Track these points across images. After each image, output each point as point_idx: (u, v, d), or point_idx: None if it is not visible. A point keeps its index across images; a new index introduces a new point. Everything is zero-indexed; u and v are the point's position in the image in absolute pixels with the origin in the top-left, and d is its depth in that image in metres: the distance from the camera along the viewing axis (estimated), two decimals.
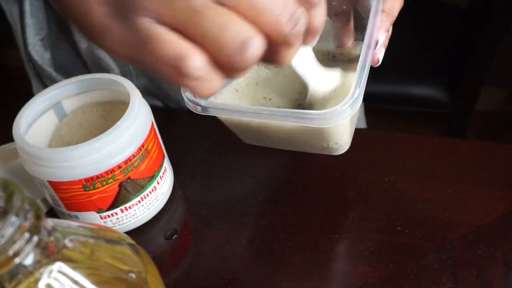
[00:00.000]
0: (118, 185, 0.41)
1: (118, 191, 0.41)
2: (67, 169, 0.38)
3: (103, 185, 0.40)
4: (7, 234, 0.20)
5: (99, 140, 0.38)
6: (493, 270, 0.40)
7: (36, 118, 0.45)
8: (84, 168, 0.38)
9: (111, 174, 0.40)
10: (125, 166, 0.40)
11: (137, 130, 0.41)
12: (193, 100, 0.37)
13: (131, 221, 0.45)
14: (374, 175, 0.48)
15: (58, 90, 0.45)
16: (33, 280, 0.22)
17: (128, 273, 0.26)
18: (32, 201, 0.22)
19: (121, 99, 0.47)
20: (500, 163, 0.48)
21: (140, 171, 0.42)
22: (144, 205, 0.44)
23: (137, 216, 0.45)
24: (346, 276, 0.41)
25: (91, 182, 0.39)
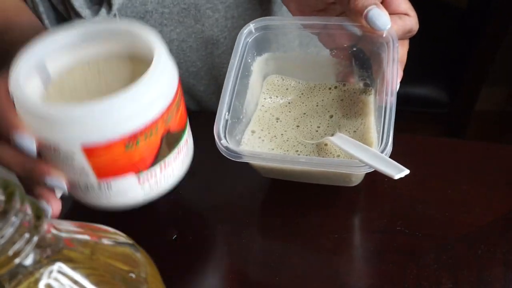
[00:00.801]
0: (160, 138, 0.36)
1: (159, 146, 0.36)
2: (109, 126, 0.32)
3: (145, 140, 0.35)
4: (7, 234, 0.20)
5: (142, 86, 0.32)
6: (493, 270, 0.40)
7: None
8: (129, 122, 0.33)
9: (155, 126, 0.35)
10: (167, 116, 0.35)
11: (172, 73, 0.36)
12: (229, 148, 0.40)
13: (168, 182, 0.40)
14: (374, 175, 0.48)
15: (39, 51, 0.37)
16: (33, 280, 0.22)
17: (128, 273, 0.26)
18: (32, 201, 0.22)
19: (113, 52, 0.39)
20: (500, 163, 0.48)
21: (177, 120, 0.37)
22: (180, 160, 0.40)
23: (174, 175, 0.40)
24: (346, 276, 0.41)
25: (135, 139, 0.34)
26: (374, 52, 0.42)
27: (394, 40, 0.39)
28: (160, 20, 0.55)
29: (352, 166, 0.37)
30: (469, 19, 1.20)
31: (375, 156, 0.37)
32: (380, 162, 0.36)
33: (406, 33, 0.41)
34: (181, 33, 0.57)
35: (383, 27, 0.38)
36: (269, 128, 0.47)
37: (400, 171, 0.35)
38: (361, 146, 0.39)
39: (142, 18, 0.54)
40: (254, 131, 0.47)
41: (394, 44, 0.39)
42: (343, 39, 0.44)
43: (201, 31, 0.57)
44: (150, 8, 0.54)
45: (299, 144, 0.45)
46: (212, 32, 0.57)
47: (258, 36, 0.45)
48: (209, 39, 0.57)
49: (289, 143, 0.46)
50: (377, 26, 0.38)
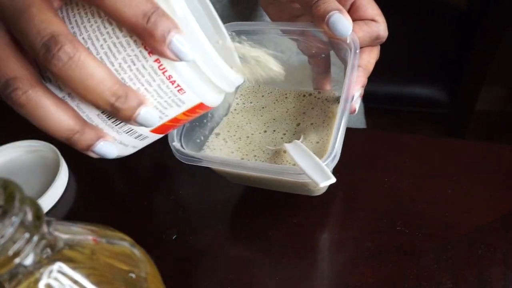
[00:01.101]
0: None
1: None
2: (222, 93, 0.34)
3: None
4: (7, 234, 0.20)
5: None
6: (493, 270, 0.40)
7: None
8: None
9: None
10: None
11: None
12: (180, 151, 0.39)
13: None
14: (374, 175, 0.48)
15: None
16: (33, 280, 0.22)
17: (128, 273, 0.26)
18: (32, 201, 0.22)
19: None
20: (500, 163, 0.48)
21: None
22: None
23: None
24: (346, 276, 0.41)
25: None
26: (343, 59, 0.41)
27: (356, 46, 0.38)
28: None
29: (292, 174, 0.37)
30: (468, 19, 1.20)
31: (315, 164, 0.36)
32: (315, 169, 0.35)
33: (373, 39, 0.40)
34: None
35: (344, 33, 0.37)
36: (236, 131, 0.47)
37: (326, 179, 0.34)
38: (308, 154, 0.38)
39: None
40: (218, 134, 0.46)
41: (356, 51, 0.38)
42: (315, 47, 0.43)
43: None
44: None
45: (259, 150, 0.44)
46: None
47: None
48: None
49: (250, 147, 0.45)
50: (338, 32, 0.37)
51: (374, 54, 0.41)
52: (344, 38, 0.38)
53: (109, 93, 0.27)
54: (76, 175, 0.54)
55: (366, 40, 0.39)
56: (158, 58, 0.28)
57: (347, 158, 0.51)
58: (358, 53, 0.38)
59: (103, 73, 0.27)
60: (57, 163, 0.54)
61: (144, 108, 0.28)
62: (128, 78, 0.28)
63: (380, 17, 0.40)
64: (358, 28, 0.39)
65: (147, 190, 0.52)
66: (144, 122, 0.29)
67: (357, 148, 0.52)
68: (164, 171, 0.53)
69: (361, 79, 0.39)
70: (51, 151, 0.55)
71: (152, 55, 0.28)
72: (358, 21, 0.39)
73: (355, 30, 0.38)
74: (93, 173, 0.56)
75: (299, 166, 0.36)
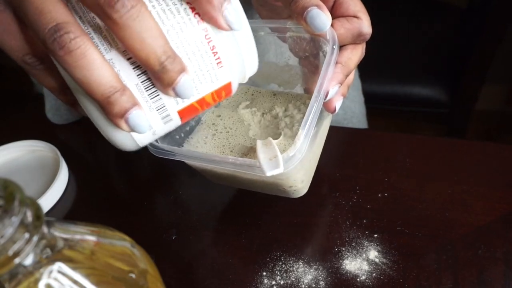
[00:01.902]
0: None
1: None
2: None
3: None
4: (7, 234, 0.20)
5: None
6: (493, 270, 0.40)
7: None
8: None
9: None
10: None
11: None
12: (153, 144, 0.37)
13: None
14: (374, 175, 0.48)
15: None
16: (33, 280, 0.22)
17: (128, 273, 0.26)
18: (32, 201, 0.22)
19: None
20: (500, 163, 0.48)
21: None
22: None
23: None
24: (346, 276, 0.41)
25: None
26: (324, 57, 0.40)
27: (334, 41, 0.37)
28: None
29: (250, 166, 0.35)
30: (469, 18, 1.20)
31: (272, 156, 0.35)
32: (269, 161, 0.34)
33: (355, 37, 0.39)
34: None
35: (321, 28, 0.36)
36: (216, 129, 0.46)
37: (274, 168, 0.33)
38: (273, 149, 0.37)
39: None
40: (198, 131, 0.46)
41: (334, 47, 0.37)
42: (297, 44, 0.42)
43: None
44: None
45: (238, 146, 0.44)
46: None
47: None
48: None
49: (228, 143, 0.44)
50: (315, 27, 0.36)
51: (357, 52, 0.40)
52: (323, 34, 0.37)
53: (161, 50, 0.27)
54: (76, 175, 0.54)
55: (348, 37, 0.38)
56: (206, 27, 0.29)
57: (347, 158, 0.51)
58: (335, 49, 0.37)
59: (159, 29, 0.27)
60: (57, 163, 0.54)
61: (185, 76, 0.28)
62: (174, 45, 0.29)
63: (363, 14, 0.39)
64: (339, 25, 0.38)
65: (147, 190, 0.52)
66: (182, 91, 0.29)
67: (357, 148, 0.52)
68: (164, 171, 0.54)
69: (338, 76, 0.37)
70: (51, 151, 0.55)
71: (201, 23, 0.29)
72: (340, 17, 0.38)
73: (336, 27, 0.37)
74: (93, 173, 0.56)
75: (257, 159, 0.35)
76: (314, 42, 0.41)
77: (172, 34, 0.28)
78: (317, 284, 0.41)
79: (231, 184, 0.45)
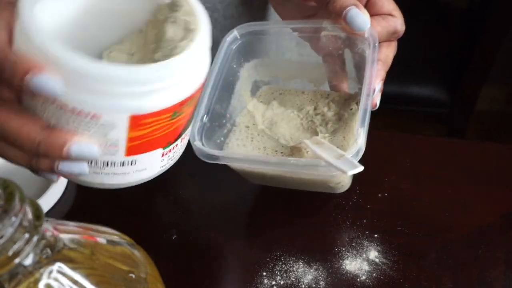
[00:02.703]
0: (194, 106, 0.32)
1: (191, 114, 0.32)
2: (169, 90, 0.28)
3: (186, 109, 0.30)
4: (7, 234, 0.20)
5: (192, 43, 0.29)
6: (493, 270, 0.40)
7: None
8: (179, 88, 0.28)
9: (196, 95, 0.30)
10: (203, 84, 0.31)
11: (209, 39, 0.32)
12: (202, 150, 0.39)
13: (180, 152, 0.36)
14: (374, 175, 0.48)
15: None
16: (33, 280, 0.22)
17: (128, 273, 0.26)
18: (32, 201, 0.22)
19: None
20: (500, 163, 0.48)
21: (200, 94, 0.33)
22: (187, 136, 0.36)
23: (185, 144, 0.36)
24: (346, 276, 0.41)
25: (181, 107, 0.29)
26: (361, 56, 0.41)
27: (375, 40, 0.38)
28: None
29: (318, 166, 0.36)
30: (469, 18, 1.20)
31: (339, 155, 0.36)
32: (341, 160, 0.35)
33: (390, 34, 0.40)
34: None
35: (362, 27, 0.38)
36: (253, 130, 0.46)
37: (353, 167, 0.34)
38: (330, 148, 0.38)
39: None
40: (235, 133, 0.46)
41: (375, 45, 0.38)
42: (332, 43, 0.43)
43: None
44: None
45: (278, 147, 0.45)
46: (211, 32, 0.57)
47: (244, 42, 0.45)
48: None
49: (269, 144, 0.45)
50: (356, 27, 0.38)
51: (392, 48, 0.41)
52: (362, 33, 0.38)
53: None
54: None
55: (384, 35, 0.39)
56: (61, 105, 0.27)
57: None
58: (377, 47, 0.38)
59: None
60: None
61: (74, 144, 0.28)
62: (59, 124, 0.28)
63: (397, 12, 0.40)
64: (375, 23, 0.39)
65: (147, 190, 0.52)
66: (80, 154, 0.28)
67: None
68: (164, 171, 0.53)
69: (380, 73, 0.39)
70: None
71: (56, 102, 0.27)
72: (375, 16, 0.39)
73: (373, 25, 0.38)
74: None
75: (323, 159, 0.36)
76: (350, 41, 0.42)
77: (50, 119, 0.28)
78: (317, 284, 0.41)
79: (273, 184, 0.46)
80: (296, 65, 0.48)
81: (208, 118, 0.42)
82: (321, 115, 0.46)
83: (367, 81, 0.37)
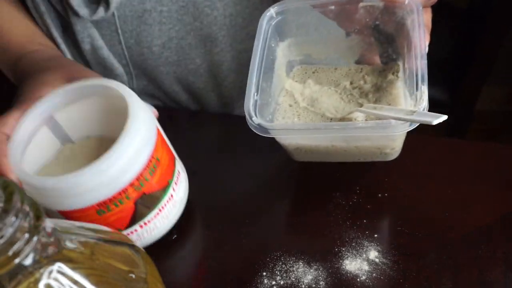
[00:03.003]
0: (133, 203, 0.38)
1: (134, 209, 0.39)
2: (77, 196, 0.36)
3: (117, 206, 0.37)
4: (7, 234, 0.20)
5: (105, 161, 0.35)
6: (493, 270, 0.40)
7: (31, 138, 0.40)
8: (94, 193, 0.36)
9: (124, 194, 0.37)
10: (138, 182, 0.37)
11: (143, 140, 0.38)
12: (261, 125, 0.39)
13: (152, 234, 0.42)
14: (374, 175, 0.48)
15: (47, 104, 0.40)
16: (33, 281, 0.22)
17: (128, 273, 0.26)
18: (32, 201, 0.22)
19: (117, 105, 0.40)
20: (500, 163, 0.48)
21: (154, 183, 0.39)
22: (164, 215, 0.42)
23: (158, 228, 0.42)
24: (346, 276, 0.41)
25: (105, 206, 0.37)
26: (398, 24, 0.42)
27: (418, 5, 0.40)
28: (158, 19, 0.55)
29: (388, 127, 0.37)
30: (469, 18, 1.20)
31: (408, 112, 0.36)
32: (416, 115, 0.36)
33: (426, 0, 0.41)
34: (180, 31, 0.57)
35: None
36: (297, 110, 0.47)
37: (437, 117, 0.34)
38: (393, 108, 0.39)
39: (141, 16, 0.54)
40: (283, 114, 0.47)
41: (419, 9, 0.39)
42: (369, 14, 0.44)
43: (199, 29, 0.57)
44: (148, 6, 0.54)
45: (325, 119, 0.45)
46: (210, 30, 0.57)
47: (279, 21, 0.45)
48: (208, 37, 0.57)
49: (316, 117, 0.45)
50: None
51: (429, 14, 0.43)
52: (403, 1, 0.40)
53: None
54: None
55: (422, 1, 0.41)
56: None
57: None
58: (421, 10, 0.39)
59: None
60: None
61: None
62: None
63: None
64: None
65: None
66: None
67: None
68: None
69: (428, 36, 0.41)
70: None
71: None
72: None
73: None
74: None
75: (394, 118, 0.36)
76: (387, 10, 0.42)
77: None
78: (317, 284, 0.41)
79: (320, 158, 0.46)
80: (326, 42, 0.49)
81: (259, 96, 0.42)
82: (359, 88, 0.46)
83: (417, 44, 0.38)
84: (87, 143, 0.44)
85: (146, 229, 0.41)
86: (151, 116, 0.41)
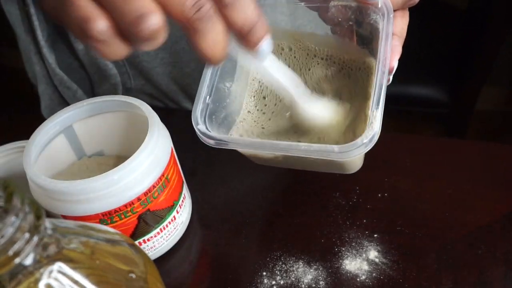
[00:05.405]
0: (137, 218, 0.39)
1: (136, 224, 0.39)
2: (84, 203, 0.36)
3: (121, 218, 0.38)
4: (7, 234, 0.20)
5: (118, 172, 0.36)
6: (493, 270, 0.40)
7: (47, 144, 0.42)
8: (101, 202, 0.36)
9: (130, 207, 0.37)
10: (145, 198, 0.38)
11: (157, 158, 0.38)
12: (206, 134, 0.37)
13: (149, 253, 0.42)
14: (374, 175, 0.48)
15: (69, 114, 0.42)
16: (33, 280, 0.22)
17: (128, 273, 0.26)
18: (32, 201, 0.22)
19: (136, 122, 0.42)
20: (500, 163, 0.48)
21: (160, 201, 0.40)
22: (163, 236, 0.42)
23: (156, 248, 0.43)
24: (346, 276, 0.41)
25: (109, 216, 0.37)
26: (372, 26, 0.38)
27: (389, 11, 0.35)
28: None
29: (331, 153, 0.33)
30: (469, 19, 1.20)
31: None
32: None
33: (406, 1, 0.36)
34: (173, 35, 0.56)
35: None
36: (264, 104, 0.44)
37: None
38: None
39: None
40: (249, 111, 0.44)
41: (389, 16, 0.34)
42: (341, 14, 0.40)
43: None
44: None
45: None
46: None
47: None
48: None
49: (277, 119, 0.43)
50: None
51: (406, 19, 0.37)
52: (375, 2, 0.35)
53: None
54: None
55: (399, 3, 0.36)
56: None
57: None
58: (392, 18, 0.35)
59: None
60: None
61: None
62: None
63: None
64: None
65: None
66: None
67: None
68: None
69: (398, 49, 0.35)
70: None
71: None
72: None
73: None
74: None
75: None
76: (360, 11, 0.38)
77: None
78: (317, 284, 0.41)
79: (282, 165, 0.44)
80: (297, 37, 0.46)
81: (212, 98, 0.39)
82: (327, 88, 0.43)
83: (382, 58, 0.34)
84: (103, 160, 0.46)
85: (144, 247, 0.41)
86: (168, 136, 0.42)
